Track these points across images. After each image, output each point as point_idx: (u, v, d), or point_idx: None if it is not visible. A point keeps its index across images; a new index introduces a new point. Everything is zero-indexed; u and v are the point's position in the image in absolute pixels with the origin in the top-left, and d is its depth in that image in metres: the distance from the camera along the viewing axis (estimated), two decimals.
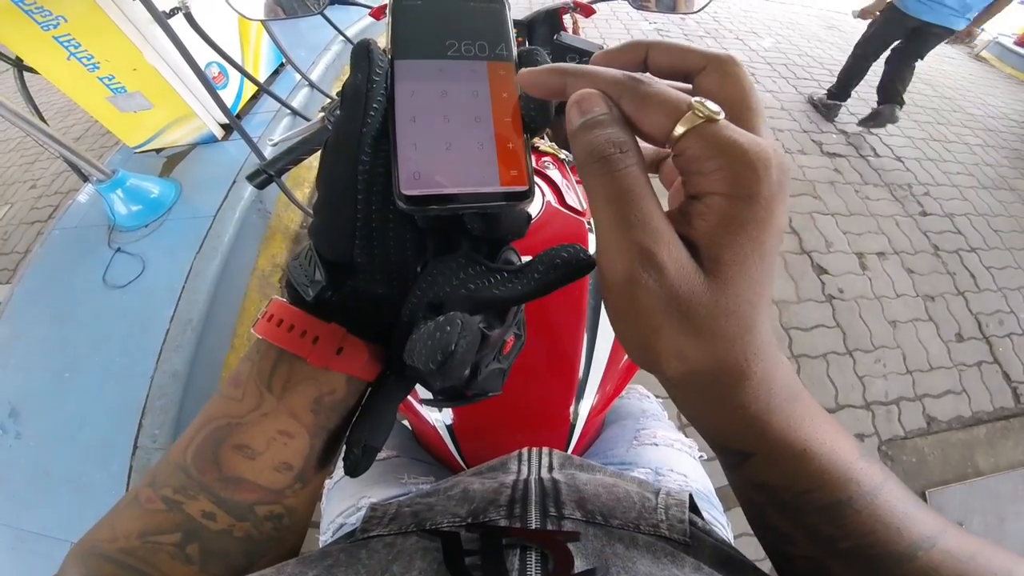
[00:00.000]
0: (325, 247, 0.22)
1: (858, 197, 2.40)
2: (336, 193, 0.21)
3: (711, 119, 0.15)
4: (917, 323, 1.86)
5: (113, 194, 1.66)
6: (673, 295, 0.16)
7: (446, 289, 0.21)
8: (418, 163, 0.19)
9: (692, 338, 0.16)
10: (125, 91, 1.79)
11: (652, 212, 0.16)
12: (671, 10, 0.75)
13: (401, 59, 0.21)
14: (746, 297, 0.16)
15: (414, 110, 0.20)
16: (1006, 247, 2.26)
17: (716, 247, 0.16)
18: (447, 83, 0.21)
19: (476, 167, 0.20)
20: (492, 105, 0.21)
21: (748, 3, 5.37)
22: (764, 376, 0.17)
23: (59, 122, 3.00)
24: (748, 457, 0.19)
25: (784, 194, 0.16)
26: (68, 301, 1.54)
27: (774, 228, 0.16)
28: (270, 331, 0.22)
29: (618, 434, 0.60)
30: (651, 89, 0.16)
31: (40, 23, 1.52)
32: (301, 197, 2.03)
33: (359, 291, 0.22)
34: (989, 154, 3.02)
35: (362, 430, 0.23)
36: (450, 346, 0.18)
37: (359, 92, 0.20)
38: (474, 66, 0.21)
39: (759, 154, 0.15)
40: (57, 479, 1.20)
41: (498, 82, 0.21)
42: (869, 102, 2.96)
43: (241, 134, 1.56)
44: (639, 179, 0.16)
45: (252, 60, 2.28)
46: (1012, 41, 5.02)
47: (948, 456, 1.54)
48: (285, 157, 0.60)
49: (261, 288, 1.68)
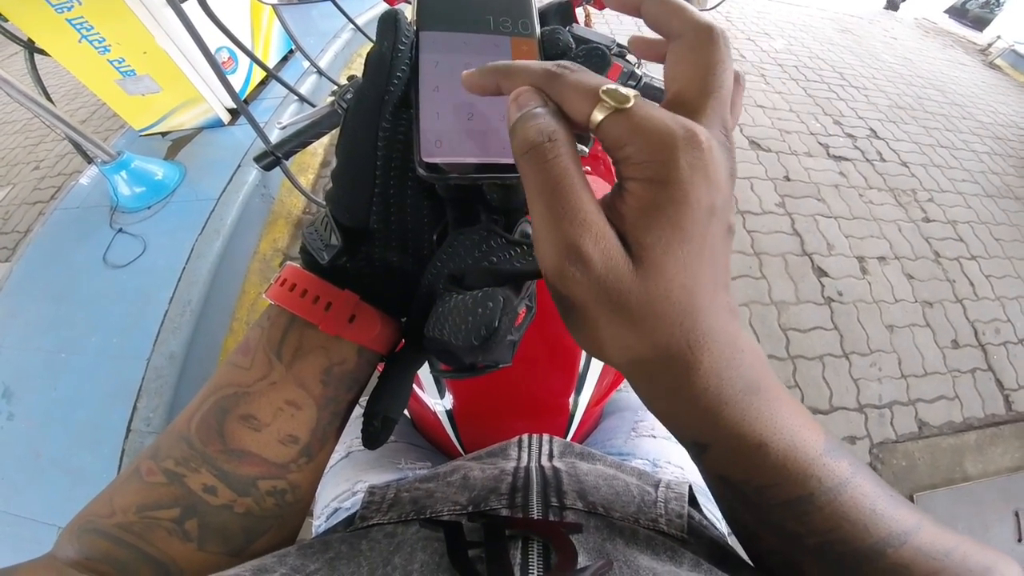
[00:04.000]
0: (342, 212, 0.22)
1: (862, 201, 2.39)
2: (355, 159, 0.21)
3: (619, 108, 0.15)
4: (914, 328, 1.87)
5: (117, 175, 1.66)
6: (602, 287, 0.15)
7: (468, 261, 0.21)
8: (440, 131, 0.20)
9: (629, 327, 0.16)
10: (134, 74, 1.80)
11: (581, 203, 0.15)
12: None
13: (426, 30, 0.21)
14: (678, 281, 0.15)
15: (437, 80, 0.20)
16: (1007, 256, 2.25)
17: (638, 232, 0.15)
18: (471, 55, 0.21)
19: (496, 137, 0.20)
20: None
21: (762, 4, 5.32)
22: (713, 366, 0.17)
23: (65, 104, 3.00)
24: (705, 448, 0.19)
25: (705, 175, 0.15)
26: (67, 280, 1.54)
27: (693, 209, 0.15)
28: (282, 296, 0.21)
29: (617, 425, 0.60)
30: (568, 78, 0.16)
31: (55, 5, 1.52)
32: (305, 183, 2.03)
33: (374, 258, 0.22)
34: (996, 162, 3.00)
35: (380, 402, 0.23)
36: (494, 323, 0.18)
37: (384, 60, 0.20)
38: (497, 40, 0.22)
39: (666, 136, 0.15)
40: (48, 461, 1.19)
41: (520, 57, 0.22)
42: None
43: (248, 119, 1.56)
44: (568, 169, 0.15)
45: (262, 46, 2.28)
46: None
47: (937, 461, 1.55)
48: (292, 140, 0.60)
49: (262, 272, 1.69)
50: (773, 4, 5.44)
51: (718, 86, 0.17)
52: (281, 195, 1.93)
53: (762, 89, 3.29)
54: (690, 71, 0.17)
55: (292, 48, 2.47)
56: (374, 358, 0.24)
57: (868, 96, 3.48)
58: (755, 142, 2.71)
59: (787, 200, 2.29)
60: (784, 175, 2.46)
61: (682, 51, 0.17)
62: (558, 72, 0.16)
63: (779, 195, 2.32)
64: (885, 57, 4.40)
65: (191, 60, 1.82)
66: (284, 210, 1.90)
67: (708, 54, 0.17)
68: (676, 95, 0.17)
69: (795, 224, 2.16)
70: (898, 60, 4.42)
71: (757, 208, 2.21)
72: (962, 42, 5.71)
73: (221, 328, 1.53)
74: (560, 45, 0.23)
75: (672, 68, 0.18)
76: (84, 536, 0.21)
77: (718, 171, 0.15)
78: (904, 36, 5.41)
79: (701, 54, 0.17)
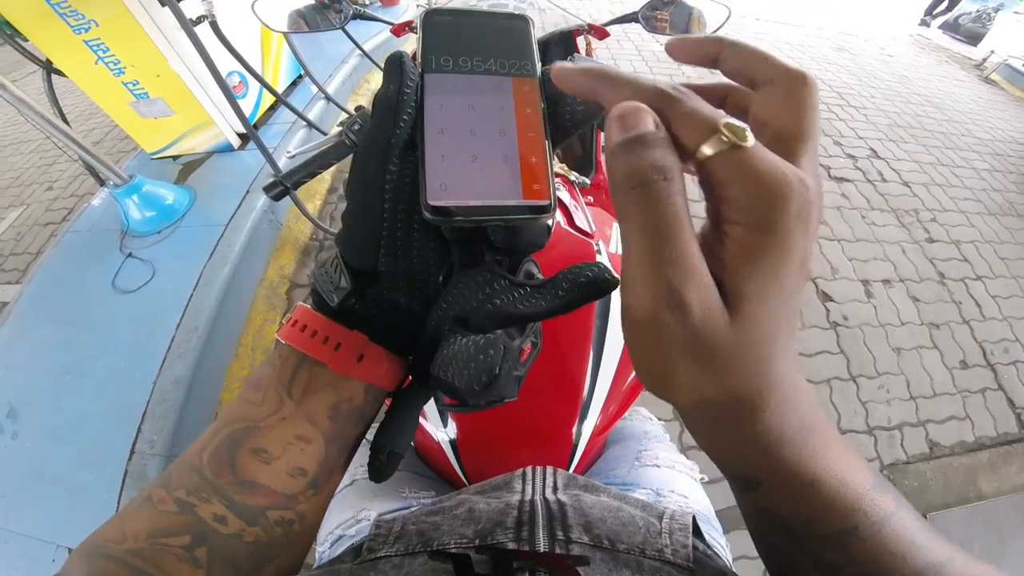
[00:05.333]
0: (351, 255, 0.23)
1: (864, 223, 2.39)
2: (364, 202, 0.22)
3: (737, 144, 0.14)
4: (921, 350, 1.85)
5: (128, 199, 1.70)
6: (695, 336, 0.15)
7: (472, 304, 0.22)
8: (445, 174, 0.20)
9: (708, 372, 0.16)
10: (148, 96, 1.84)
11: (687, 249, 0.15)
12: (684, 33, 0.77)
13: (431, 72, 0.22)
14: (766, 332, 0.15)
15: (442, 122, 0.21)
16: (1012, 276, 2.24)
17: (738, 280, 0.15)
18: (474, 97, 0.22)
19: (500, 180, 0.21)
20: (516, 120, 0.22)
21: (759, 26, 5.41)
22: (778, 408, 0.17)
23: (80, 125, 3.06)
24: (757, 485, 0.19)
25: (805, 226, 0.15)
26: (76, 304, 1.56)
27: (793, 260, 0.15)
28: (294, 336, 0.22)
29: (620, 454, 0.59)
30: (686, 104, 0.15)
31: (73, 26, 1.57)
32: (313, 209, 2.05)
33: (382, 300, 0.23)
34: (997, 179, 3.00)
35: (386, 436, 0.24)
36: (494, 370, 0.19)
37: (390, 103, 0.21)
38: (500, 81, 0.22)
39: (779, 183, 0.14)
40: (50, 480, 1.20)
41: (522, 97, 0.22)
42: None
43: (257, 144, 1.59)
44: (680, 212, 0.15)
45: (272, 71, 2.33)
46: (1022, 63, 4.99)
47: (950, 480, 1.53)
48: (302, 170, 0.61)
49: (268, 298, 1.70)
50: (769, 24, 5.54)
51: (814, 133, 0.17)
52: (289, 221, 1.95)
53: None
54: (786, 116, 0.17)
55: (301, 73, 2.52)
56: (381, 395, 0.25)
57: (867, 116, 3.50)
58: None
59: None
60: None
61: (776, 95, 0.17)
62: (674, 95, 0.16)
63: None
64: (883, 75, 4.46)
65: (203, 84, 1.86)
66: (291, 236, 1.92)
67: (803, 99, 0.17)
68: (774, 139, 0.17)
69: None
70: (895, 78, 4.47)
71: None
72: (957, 57, 5.76)
73: (226, 353, 1.54)
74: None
75: (764, 111, 0.17)
76: (95, 560, 0.22)
77: (816, 222, 0.15)
78: (900, 53, 5.48)
79: (798, 100, 0.17)
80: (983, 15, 6.47)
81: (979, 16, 6.50)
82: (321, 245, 1.97)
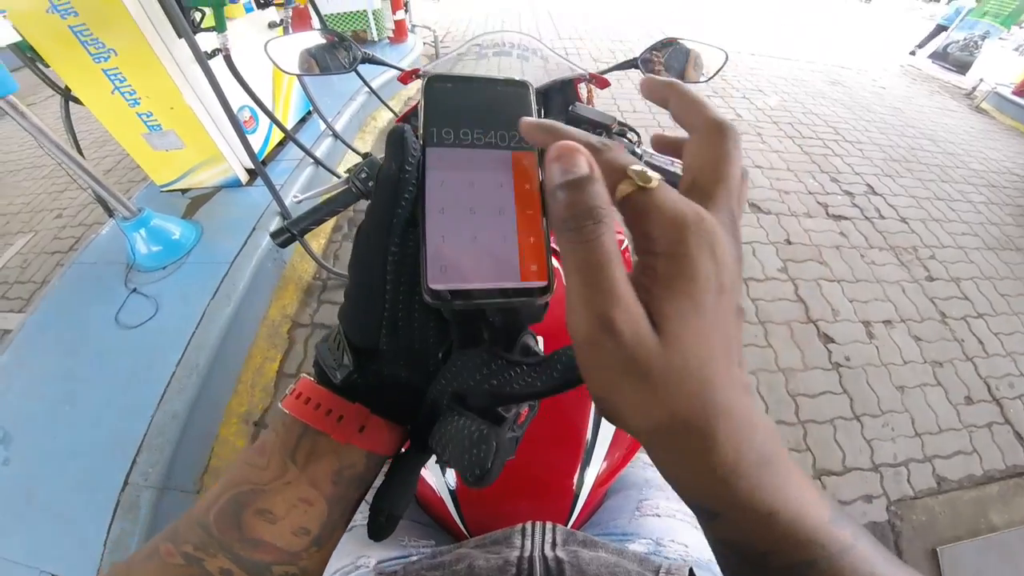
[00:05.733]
0: (354, 333, 0.24)
1: (864, 262, 2.39)
2: (366, 280, 0.23)
3: (643, 187, 0.17)
4: (925, 388, 1.84)
5: (136, 233, 1.72)
6: (629, 357, 0.17)
7: (470, 383, 0.22)
8: (445, 256, 0.20)
9: (651, 395, 0.17)
10: (161, 129, 1.89)
11: (615, 279, 0.17)
12: (681, 76, 0.78)
13: (432, 146, 0.22)
14: (695, 352, 0.17)
15: (443, 201, 0.21)
16: (1014, 312, 2.23)
17: (659, 303, 0.17)
18: (474, 173, 0.22)
19: (499, 262, 0.21)
20: (515, 198, 0.22)
21: (755, 61, 5.56)
22: (730, 438, 0.18)
23: (93, 152, 3.12)
24: (715, 516, 0.20)
25: (711, 253, 0.17)
26: (78, 336, 1.57)
27: (705, 284, 0.17)
28: (298, 408, 0.23)
29: (621, 504, 0.59)
30: (606, 153, 0.18)
31: (92, 54, 1.62)
32: (317, 248, 2.08)
33: (383, 374, 0.24)
34: (994, 212, 3.03)
35: (385, 498, 0.25)
36: (487, 465, 0.20)
37: (392, 181, 0.21)
38: (500, 155, 0.22)
39: (680, 216, 0.17)
40: (38, 506, 1.19)
41: (521, 173, 0.22)
42: None
43: (265, 181, 1.63)
44: (608, 248, 0.17)
45: (282, 106, 2.40)
46: (1010, 91, 5.08)
47: (959, 513, 1.51)
48: (309, 217, 0.62)
49: (269, 337, 1.70)
50: (763, 59, 5.69)
51: (727, 176, 0.19)
52: (293, 260, 1.97)
53: (759, 148, 3.37)
54: (703, 162, 0.19)
55: (310, 109, 2.59)
56: (382, 461, 0.26)
57: (863, 150, 3.56)
58: (755, 204, 2.74)
59: (789, 265, 2.30)
60: (785, 238, 2.48)
61: (698, 143, 0.20)
62: (599, 147, 0.18)
63: (781, 260, 2.33)
64: (876, 108, 4.55)
65: (215, 118, 1.91)
66: (295, 275, 1.94)
67: (719, 147, 0.19)
68: (691, 182, 0.20)
69: (799, 290, 2.17)
70: (889, 110, 4.56)
71: (760, 274, 2.22)
72: (947, 87, 5.89)
73: (226, 390, 1.54)
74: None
75: (688, 158, 0.20)
76: None
77: (724, 252, 0.17)
78: (892, 84, 5.60)
79: (713, 147, 0.19)
80: (970, 43, 6.58)
81: (966, 44, 6.61)
82: (324, 285, 1.97)
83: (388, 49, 4.17)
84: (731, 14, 9.32)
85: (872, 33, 9.92)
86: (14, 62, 1.42)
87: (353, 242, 0.24)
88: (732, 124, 0.20)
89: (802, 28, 8.55)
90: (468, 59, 0.86)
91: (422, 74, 0.79)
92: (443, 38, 5.33)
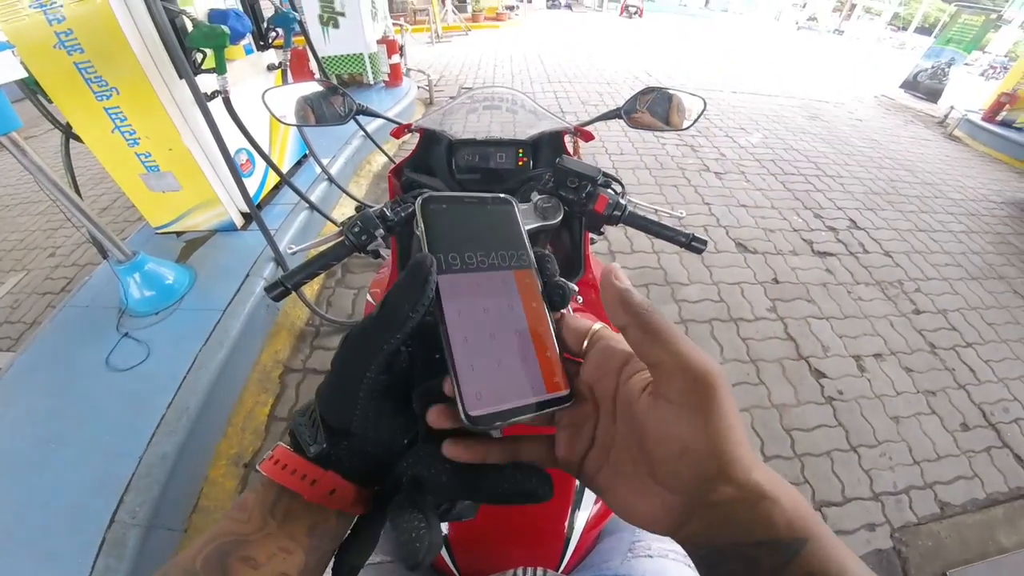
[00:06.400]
0: (329, 415, 0.27)
1: (851, 298, 2.43)
2: (347, 378, 0.26)
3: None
4: (920, 417, 1.84)
5: (130, 277, 1.71)
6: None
7: (424, 474, 0.25)
8: (478, 384, 0.22)
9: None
10: (158, 169, 1.90)
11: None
12: (663, 128, 0.82)
13: (442, 274, 0.24)
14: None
15: (464, 330, 0.23)
16: (1002, 340, 2.27)
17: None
18: (485, 298, 0.24)
19: (526, 380, 0.23)
20: (526, 317, 0.24)
21: (737, 99, 5.82)
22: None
23: (89, 190, 3.14)
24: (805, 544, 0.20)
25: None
26: (66, 377, 1.55)
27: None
28: (275, 472, 0.26)
29: (613, 546, 0.59)
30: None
31: (96, 92, 1.65)
32: (310, 294, 2.08)
33: (353, 450, 0.27)
34: (975, 240, 3.11)
35: (349, 553, 0.27)
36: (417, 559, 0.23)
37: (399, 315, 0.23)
38: (504, 277, 0.25)
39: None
40: (18, 542, 1.16)
41: (526, 291, 0.25)
42: None
43: (260, 227, 1.64)
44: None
45: (278, 150, 2.45)
46: (980, 117, 5.29)
47: (966, 537, 1.49)
48: (302, 271, 0.63)
49: (261, 381, 1.69)
50: (744, 96, 5.95)
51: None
52: (286, 307, 1.97)
53: (744, 187, 3.47)
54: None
55: (306, 153, 2.64)
56: (351, 518, 0.28)
57: (844, 184, 3.68)
58: (741, 244, 2.79)
59: (778, 304, 2.33)
60: (772, 277, 2.52)
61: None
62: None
63: (769, 299, 2.36)
64: (855, 141, 4.75)
65: (212, 161, 1.93)
66: (288, 321, 1.93)
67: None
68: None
69: (788, 328, 2.20)
70: (866, 143, 4.75)
71: (749, 315, 2.25)
72: (921, 116, 6.16)
73: (216, 433, 1.52)
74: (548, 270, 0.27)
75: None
76: None
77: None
78: (867, 116, 5.86)
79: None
80: (938, 70, 6.94)
81: (935, 72, 6.98)
82: (317, 331, 1.97)
83: (383, 93, 4.31)
84: (711, 52, 9.80)
85: (845, 65, 10.43)
86: (15, 93, 1.42)
87: (342, 340, 0.27)
88: (719, 370, 0.21)
89: (779, 63, 8.99)
90: (460, 113, 0.90)
91: (415, 127, 0.83)
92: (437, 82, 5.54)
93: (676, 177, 3.53)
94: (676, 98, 0.81)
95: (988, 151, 5.00)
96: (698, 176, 3.58)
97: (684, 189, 3.37)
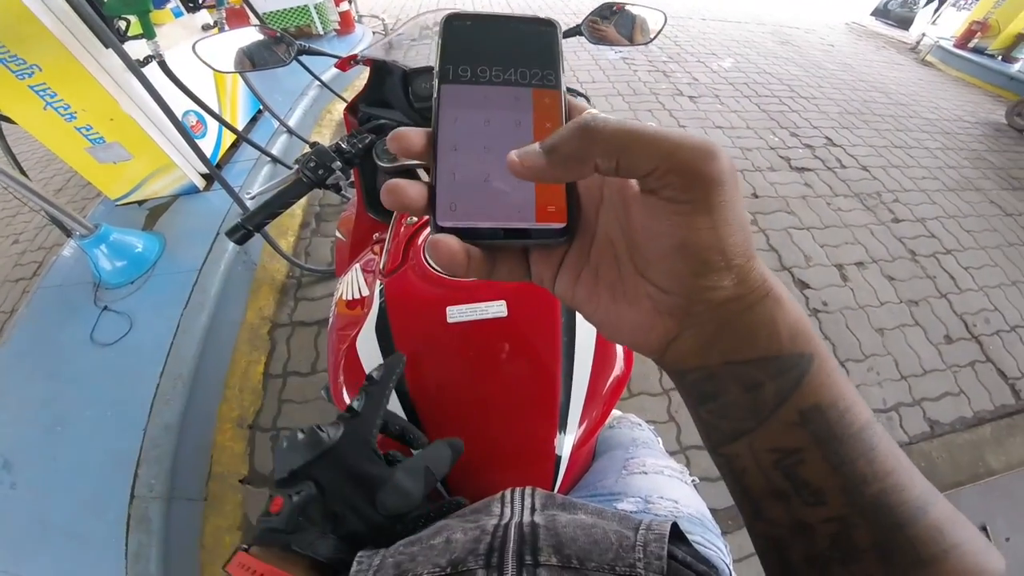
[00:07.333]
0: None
1: (831, 209, 2.46)
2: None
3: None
4: (904, 329, 1.88)
5: (97, 250, 1.64)
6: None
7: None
8: (455, 194, 0.20)
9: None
10: (104, 141, 1.78)
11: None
12: (628, 44, 0.78)
13: (447, 83, 0.21)
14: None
15: (456, 138, 0.20)
16: (981, 246, 2.32)
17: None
18: (491, 111, 0.21)
19: (513, 202, 0.20)
20: (535, 136, 0.20)
21: (706, 25, 5.62)
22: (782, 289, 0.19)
23: (38, 173, 2.94)
24: (811, 360, 0.18)
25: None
26: (56, 360, 1.51)
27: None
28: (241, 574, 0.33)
29: (607, 465, 0.60)
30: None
31: (15, 72, 1.51)
32: (286, 247, 2.01)
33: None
34: (950, 156, 3.15)
35: None
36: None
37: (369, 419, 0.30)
38: (519, 93, 0.21)
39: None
40: (54, 529, 1.18)
41: (542, 111, 0.21)
42: None
43: (222, 184, 1.55)
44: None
45: (229, 108, 2.30)
46: (951, 44, 5.31)
47: (957, 458, 1.52)
48: (262, 212, 0.61)
49: (250, 340, 1.65)
50: (714, 23, 5.75)
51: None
52: (263, 261, 1.90)
53: (718, 110, 3.42)
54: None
55: (260, 108, 2.49)
56: None
57: (818, 105, 3.66)
58: None
59: (759, 217, 2.34)
60: (752, 192, 2.52)
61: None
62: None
63: (750, 213, 2.35)
64: (827, 65, 4.68)
65: (159, 126, 1.82)
66: (267, 276, 1.88)
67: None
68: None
69: (770, 240, 2.21)
70: (839, 67, 4.69)
71: None
72: (893, 42, 6.09)
73: (215, 397, 1.50)
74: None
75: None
76: None
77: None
78: (840, 42, 5.76)
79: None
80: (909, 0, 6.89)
81: (905, 1, 6.94)
82: (299, 282, 1.91)
83: (335, 42, 4.04)
84: None
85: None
86: None
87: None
88: (726, 162, 0.17)
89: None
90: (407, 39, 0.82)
91: (360, 58, 0.76)
92: (393, 26, 5.19)
93: (650, 102, 3.45)
94: (640, 17, 0.78)
95: (961, 75, 5.01)
96: (672, 100, 3.51)
97: (659, 113, 3.31)
